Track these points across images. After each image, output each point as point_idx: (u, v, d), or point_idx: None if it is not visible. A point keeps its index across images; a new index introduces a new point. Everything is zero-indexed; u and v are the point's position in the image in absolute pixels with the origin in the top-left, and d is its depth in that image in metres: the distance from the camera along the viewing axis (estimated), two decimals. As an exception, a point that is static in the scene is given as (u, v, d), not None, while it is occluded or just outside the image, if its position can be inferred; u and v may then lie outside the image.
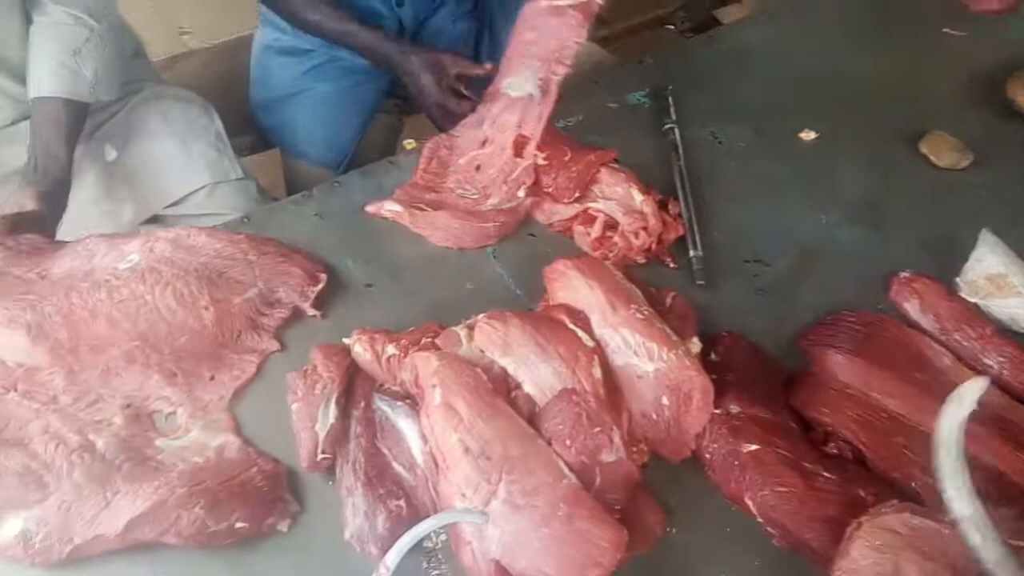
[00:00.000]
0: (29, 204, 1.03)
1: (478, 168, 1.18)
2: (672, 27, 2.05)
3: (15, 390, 0.86)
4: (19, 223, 1.00)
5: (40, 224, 1.02)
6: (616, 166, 1.15)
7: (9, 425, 0.84)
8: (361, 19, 1.30)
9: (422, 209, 1.13)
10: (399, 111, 1.59)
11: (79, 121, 1.16)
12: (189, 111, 1.36)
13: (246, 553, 0.81)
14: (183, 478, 0.81)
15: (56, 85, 1.12)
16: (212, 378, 0.92)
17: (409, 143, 2.05)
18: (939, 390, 0.95)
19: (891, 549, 0.79)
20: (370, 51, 1.30)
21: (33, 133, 1.12)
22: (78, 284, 0.91)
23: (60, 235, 1.10)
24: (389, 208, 1.13)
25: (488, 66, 1.27)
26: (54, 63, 1.13)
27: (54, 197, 1.07)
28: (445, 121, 1.29)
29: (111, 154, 1.30)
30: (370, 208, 1.13)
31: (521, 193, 1.14)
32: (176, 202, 1.30)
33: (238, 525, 0.80)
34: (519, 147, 1.15)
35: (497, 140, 1.17)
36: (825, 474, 0.88)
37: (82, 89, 1.15)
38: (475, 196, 1.17)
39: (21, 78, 1.17)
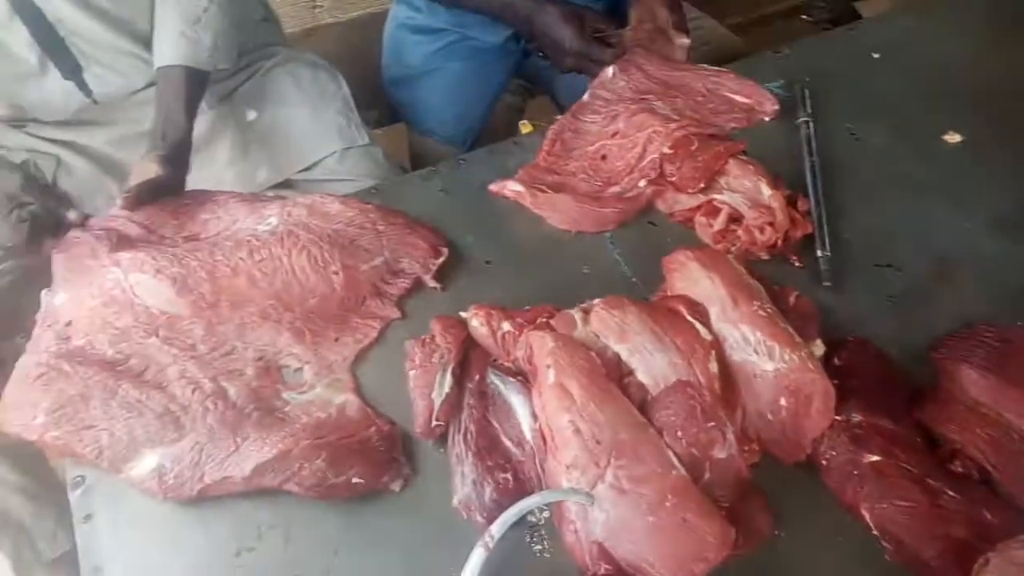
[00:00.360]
0: (154, 169, 1.09)
1: (604, 157, 1.18)
2: (808, 17, 1.97)
3: (157, 335, 0.93)
4: (149, 192, 1.06)
5: (167, 189, 1.08)
6: (745, 158, 1.12)
7: (150, 367, 0.91)
8: None
9: (543, 191, 1.14)
10: (524, 92, 1.60)
11: (200, 88, 1.22)
12: (319, 77, 1.40)
13: (360, 508, 0.85)
14: (307, 431, 0.85)
15: (177, 54, 1.18)
16: (337, 339, 0.96)
17: (525, 125, 2.06)
18: (1084, 416, 0.89)
19: None
20: (507, 7, 1.29)
21: (157, 100, 1.18)
22: (222, 242, 0.96)
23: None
24: (511, 188, 1.14)
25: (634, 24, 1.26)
26: (175, 33, 1.19)
27: (176, 161, 1.13)
28: (588, 69, 1.28)
29: (251, 115, 1.37)
30: (493, 187, 1.15)
31: (643, 183, 1.13)
32: (307, 167, 1.36)
33: (355, 480, 0.84)
34: (652, 144, 1.14)
35: (630, 136, 1.16)
36: (949, 492, 0.84)
37: (201, 57, 1.20)
38: (597, 183, 1.17)
39: (148, 47, 1.23)
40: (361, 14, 2.13)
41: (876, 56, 1.40)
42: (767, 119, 1.26)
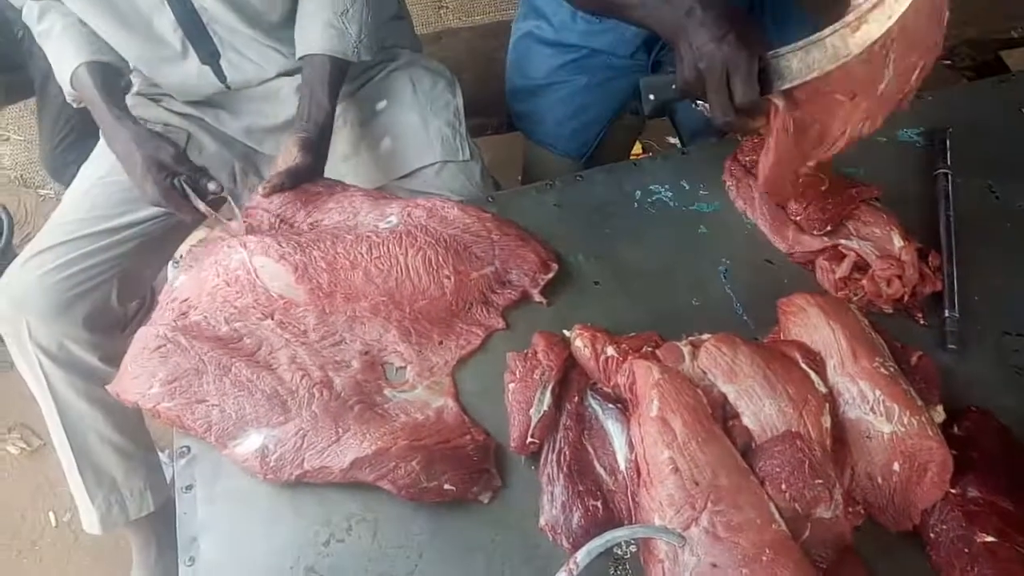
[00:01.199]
0: (297, 153, 1.13)
1: None
2: (950, 63, 1.88)
3: (272, 318, 0.96)
4: (291, 178, 1.10)
5: (307, 175, 1.12)
6: (877, 205, 1.08)
7: (262, 348, 0.94)
8: None
9: None
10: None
11: (342, 77, 1.25)
12: (437, 84, 1.42)
13: (448, 514, 0.86)
14: (405, 431, 0.86)
15: (325, 43, 1.22)
16: (441, 343, 0.97)
17: (637, 151, 2.03)
18: None
19: None
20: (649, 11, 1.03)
21: (302, 85, 1.23)
22: (343, 235, 0.99)
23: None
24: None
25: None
26: (322, 23, 1.22)
27: (319, 145, 1.17)
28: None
29: (381, 104, 1.39)
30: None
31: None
32: (407, 174, 1.37)
33: (446, 487, 0.84)
34: None
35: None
36: (1068, 588, 0.78)
37: (347, 48, 1.23)
38: None
39: (279, 38, 1.28)
40: (487, 20, 2.16)
41: (1024, 111, 1.32)
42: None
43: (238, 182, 1.40)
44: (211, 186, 1.11)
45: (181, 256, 1.08)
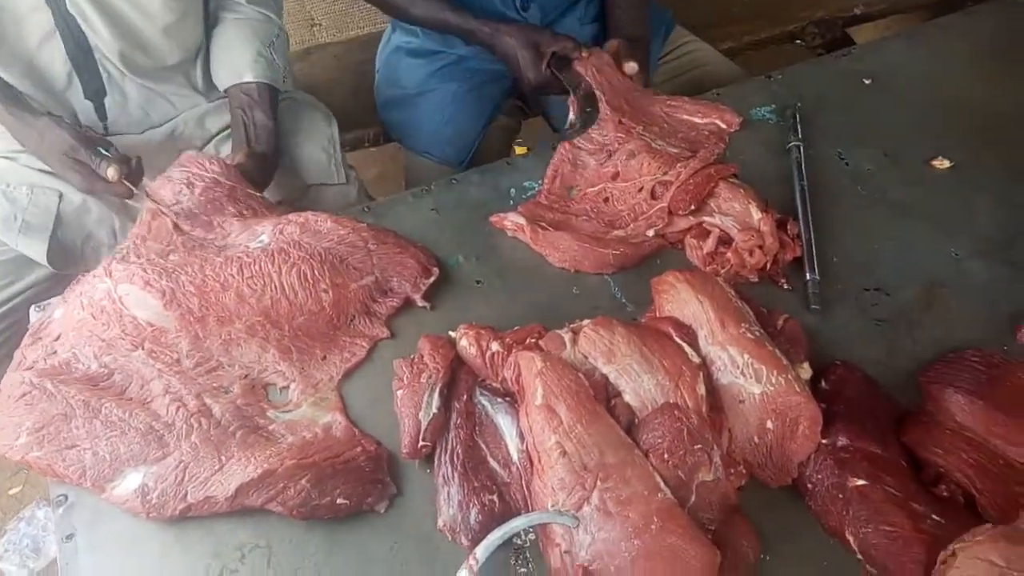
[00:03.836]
0: (241, 157, 1.14)
1: (606, 200, 1.17)
2: (802, 43, 1.99)
3: (143, 348, 0.92)
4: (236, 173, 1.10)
5: (247, 176, 1.12)
6: (735, 181, 1.13)
7: (133, 383, 0.90)
8: (453, 5, 1.33)
9: (544, 227, 1.13)
10: (519, 113, 1.61)
11: (276, 104, 1.26)
12: (313, 116, 1.42)
13: (343, 529, 0.85)
14: (293, 451, 0.85)
15: (259, 71, 1.25)
16: (324, 358, 0.96)
17: (519, 147, 2.07)
18: (1069, 443, 0.89)
19: None
20: (471, 33, 1.33)
21: (237, 115, 1.24)
22: (212, 257, 0.96)
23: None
24: (512, 220, 1.13)
25: (586, 53, 1.27)
26: (253, 52, 1.26)
27: (266, 161, 1.18)
28: (550, 93, 1.31)
29: None
30: (493, 219, 1.15)
31: (650, 233, 1.13)
32: (280, 201, 1.37)
33: (339, 501, 0.83)
34: (658, 191, 1.14)
35: (632, 179, 1.16)
36: (934, 517, 0.84)
37: (277, 77, 1.28)
38: (601, 225, 1.16)
39: (169, 84, 1.30)
40: (359, 33, 2.15)
41: (867, 82, 1.41)
42: (731, 130, 1.28)
43: (118, 237, 1.35)
44: (110, 172, 1.07)
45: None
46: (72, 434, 0.84)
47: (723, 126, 1.28)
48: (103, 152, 1.08)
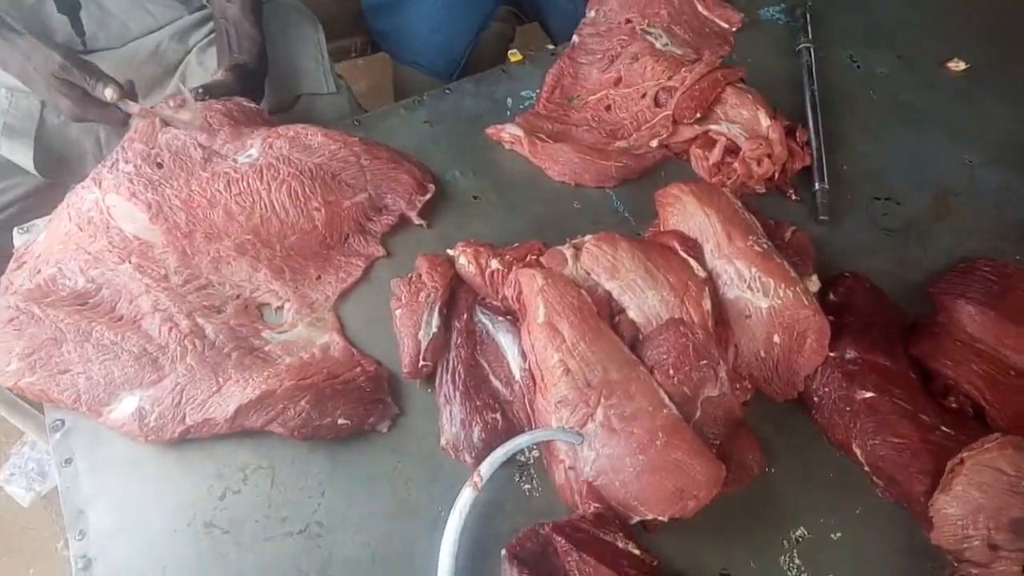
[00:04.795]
0: (221, 72, 1.06)
1: (608, 108, 1.12)
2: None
3: (129, 262, 0.89)
4: (210, 91, 1.02)
5: (227, 92, 1.04)
6: (743, 86, 1.08)
7: (122, 298, 0.87)
8: None
9: (543, 139, 1.08)
10: (513, 19, 1.53)
11: (260, 13, 1.18)
12: (300, 22, 1.35)
13: (345, 449, 0.84)
14: (291, 371, 0.83)
15: None
16: (319, 277, 0.94)
17: (514, 54, 1.98)
18: (1081, 353, 0.88)
19: (994, 489, 0.76)
20: None
21: (220, 24, 1.15)
22: (197, 172, 0.92)
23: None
24: (510, 132, 1.08)
25: None
26: None
27: (252, 73, 1.10)
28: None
29: None
30: (489, 131, 1.10)
31: (654, 143, 1.08)
32: (273, 111, 1.31)
33: (340, 422, 0.82)
34: (662, 98, 1.08)
35: (635, 84, 1.10)
36: (943, 428, 0.83)
37: None
38: (602, 135, 1.11)
39: None
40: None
41: (881, -21, 1.34)
42: (733, 29, 1.22)
43: (104, 148, 1.30)
44: (107, 92, 0.98)
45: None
46: (64, 359, 0.82)
47: (724, 25, 1.21)
48: (98, 71, 1.00)
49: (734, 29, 1.21)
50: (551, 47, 1.25)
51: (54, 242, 0.91)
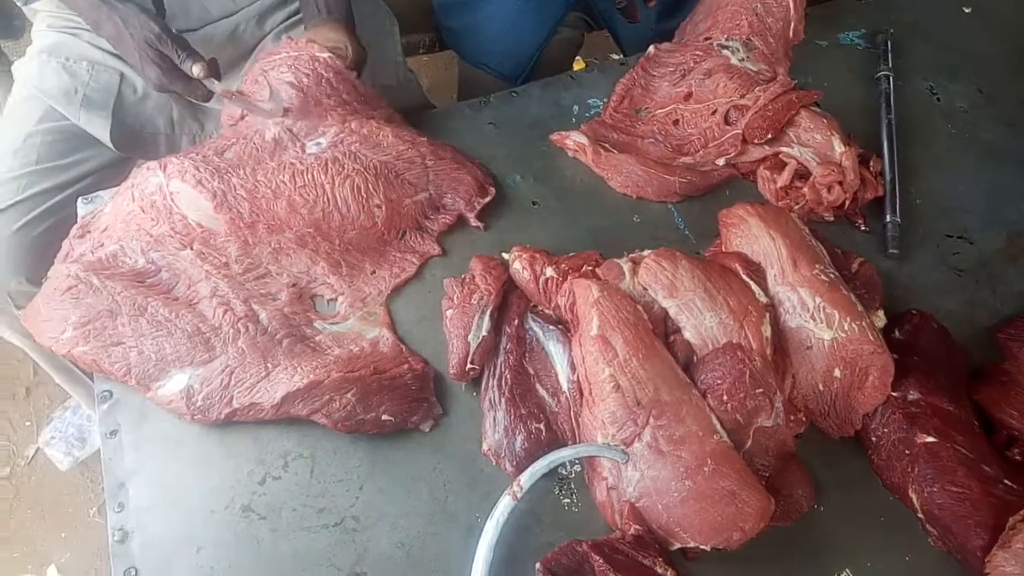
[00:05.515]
0: (346, 41, 1.04)
1: (676, 123, 1.10)
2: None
3: (191, 248, 0.90)
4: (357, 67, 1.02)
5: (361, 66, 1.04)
6: (817, 110, 1.05)
7: (180, 282, 0.88)
8: None
9: (607, 149, 1.06)
10: (582, 26, 1.51)
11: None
12: (377, 13, 1.35)
13: (387, 446, 0.83)
14: (339, 363, 0.83)
15: None
16: (374, 272, 0.93)
17: (577, 62, 1.96)
18: None
19: None
20: None
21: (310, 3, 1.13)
22: (265, 161, 0.92)
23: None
24: (575, 139, 1.07)
25: None
26: None
27: (347, 32, 1.07)
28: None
29: None
30: (554, 136, 1.09)
31: (721, 161, 1.06)
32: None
33: (384, 417, 0.81)
34: (732, 116, 1.07)
35: (706, 100, 1.09)
36: (1006, 482, 0.80)
37: None
38: (668, 149, 1.09)
39: None
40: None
41: (967, 11, 1.30)
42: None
43: (176, 128, 1.32)
44: (195, 68, 0.97)
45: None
46: (118, 331, 0.83)
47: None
48: (190, 46, 1.00)
49: (795, 42, 1.17)
50: (616, 56, 1.24)
51: (117, 219, 0.92)
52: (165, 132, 1.25)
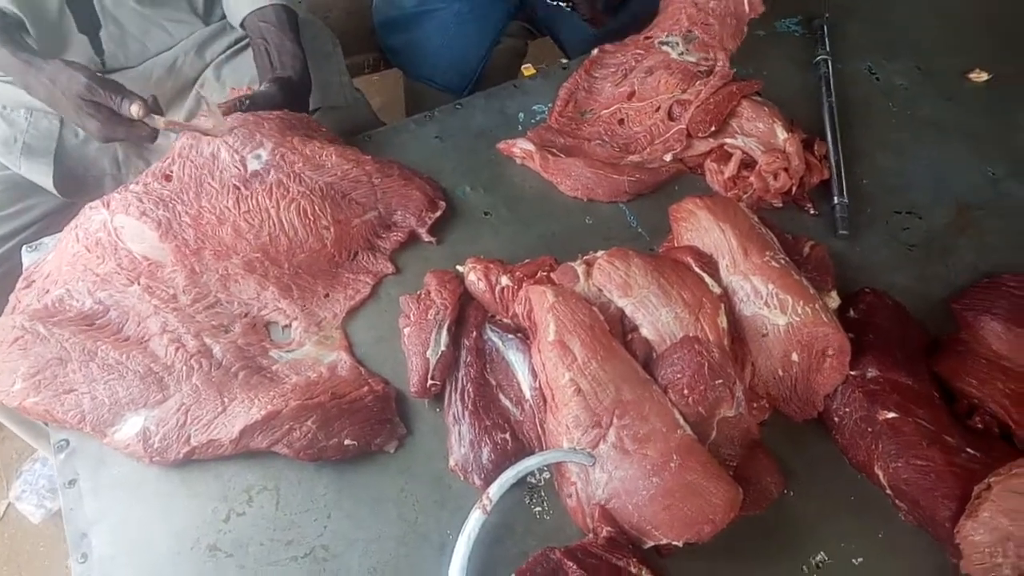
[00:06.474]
0: (267, 84, 1.05)
1: (621, 122, 1.11)
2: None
3: (138, 283, 0.88)
4: (255, 103, 1.01)
5: (271, 105, 1.03)
6: (759, 99, 1.06)
7: (129, 320, 0.87)
8: None
9: (555, 154, 1.07)
10: (525, 34, 1.52)
11: (297, 28, 1.17)
12: (317, 37, 1.35)
13: (353, 470, 0.82)
14: (297, 391, 0.81)
15: None
16: (327, 295, 0.92)
17: (527, 68, 1.97)
18: (1113, 370, 0.85)
19: (1023, 516, 0.73)
20: None
21: (259, 45, 1.14)
22: (207, 184, 0.91)
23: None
24: (521, 147, 1.07)
25: None
26: None
27: (297, 83, 1.09)
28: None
29: None
30: (501, 145, 1.09)
31: (668, 157, 1.06)
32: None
33: (347, 442, 0.81)
34: (676, 111, 1.07)
35: (649, 98, 1.09)
36: (968, 450, 0.80)
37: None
38: (615, 149, 1.10)
39: (164, 11, 1.21)
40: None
41: (899, -10, 1.32)
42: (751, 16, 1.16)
43: (122, 168, 1.30)
44: (133, 108, 0.94)
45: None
46: (69, 378, 0.81)
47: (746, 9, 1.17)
48: (123, 88, 0.99)
49: (752, 16, 1.17)
50: (564, 61, 1.24)
51: (62, 263, 0.90)
52: (111, 173, 1.24)
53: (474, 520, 0.75)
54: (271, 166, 0.94)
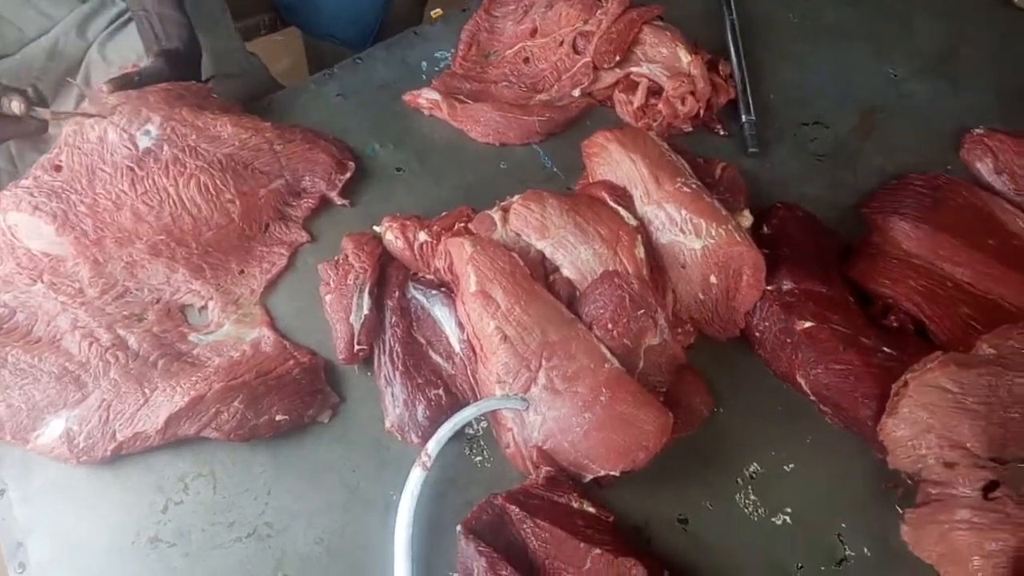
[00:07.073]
0: (152, 61, 0.98)
1: (526, 60, 1.09)
2: None
3: (42, 280, 0.85)
4: (141, 78, 0.95)
5: (159, 78, 0.97)
6: (660, 24, 1.05)
7: (39, 320, 0.83)
8: None
9: (462, 101, 1.04)
10: (425, -22, 1.47)
11: None
12: (206, 3, 1.28)
13: (288, 445, 0.82)
14: (220, 373, 0.80)
15: None
16: (242, 271, 0.90)
17: (436, 12, 1.92)
18: (1012, 256, 0.89)
19: (941, 408, 0.76)
20: None
21: (140, 16, 1.07)
22: (100, 169, 0.87)
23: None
24: (427, 97, 1.05)
25: None
26: None
27: (185, 53, 1.03)
28: None
29: None
30: (406, 97, 1.06)
31: (576, 92, 1.05)
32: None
33: (279, 418, 0.80)
34: (580, 44, 1.05)
35: (551, 33, 1.07)
36: (885, 349, 0.83)
37: None
38: (522, 89, 1.08)
39: None
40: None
41: None
42: None
43: (17, 163, 1.23)
44: (13, 104, 0.88)
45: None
46: (-20, 389, 0.78)
47: None
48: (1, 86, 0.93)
49: None
50: (464, 5, 1.21)
51: (-40, 266, 0.86)
52: (7, 170, 1.17)
53: (415, 478, 0.75)
54: (163, 141, 0.90)
